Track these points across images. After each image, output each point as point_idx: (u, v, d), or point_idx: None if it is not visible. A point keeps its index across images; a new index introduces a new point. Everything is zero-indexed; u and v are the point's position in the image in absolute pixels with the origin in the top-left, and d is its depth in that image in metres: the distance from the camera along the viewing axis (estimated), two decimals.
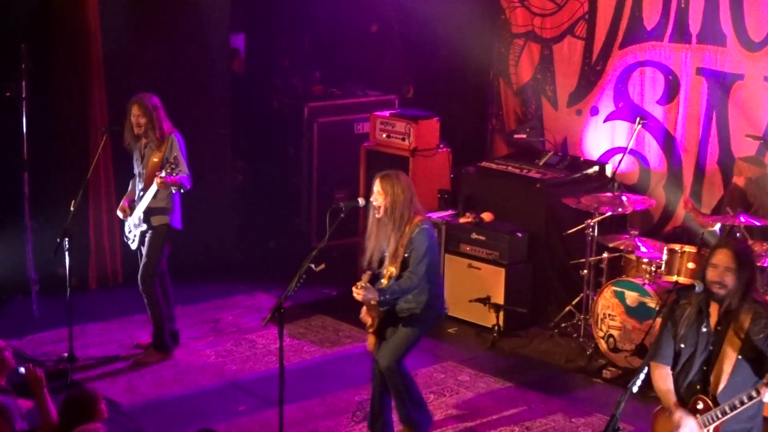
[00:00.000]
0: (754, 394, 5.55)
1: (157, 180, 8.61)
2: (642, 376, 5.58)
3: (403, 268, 7.31)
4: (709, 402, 5.73)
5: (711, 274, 5.77)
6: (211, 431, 6.47)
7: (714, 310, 5.84)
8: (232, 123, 11.47)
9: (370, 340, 7.66)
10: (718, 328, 5.79)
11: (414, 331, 7.46)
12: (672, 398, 5.89)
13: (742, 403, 5.59)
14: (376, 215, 7.39)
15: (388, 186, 7.33)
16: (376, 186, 7.38)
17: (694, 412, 5.77)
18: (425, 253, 7.28)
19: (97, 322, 9.83)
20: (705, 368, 5.79)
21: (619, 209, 9.39)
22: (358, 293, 7.25)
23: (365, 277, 7.32)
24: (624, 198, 9.44)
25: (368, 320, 7.55)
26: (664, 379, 5.92)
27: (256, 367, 9.08)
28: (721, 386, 5.74)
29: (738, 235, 8.69)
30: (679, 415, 5.80)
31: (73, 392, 6.59)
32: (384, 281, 7.36)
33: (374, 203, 7.37)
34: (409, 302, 7.40)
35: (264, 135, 12.02)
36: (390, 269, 7.36)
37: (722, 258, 5.76)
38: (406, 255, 7.29)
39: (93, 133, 10.31)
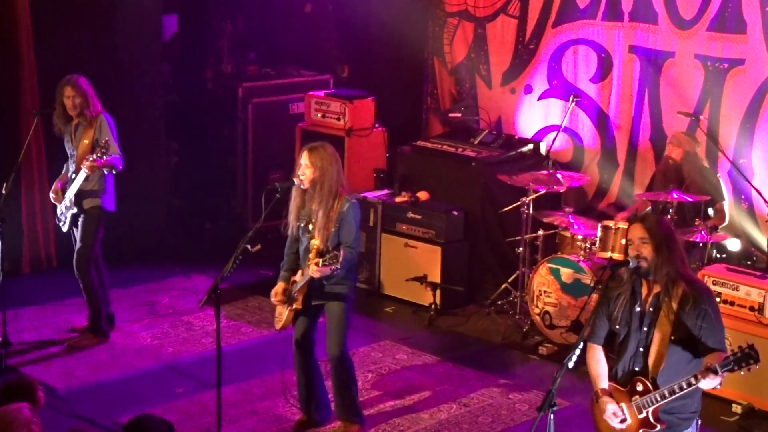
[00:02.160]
0: (693, 380, 5.58)
1: (86, 164, 8.53)
2: (577, 352, 5.60)
3: (331, 242, 7.24)
4: (648, 384, 5.76)
5: (630, 251, 5.81)
6: (148, 416, 6.35)
7: (646, 290, 5.87)
8: (166, 104, 11.38)
9: (288, 318, 7.46)
10: (650, 309, 5.83)
11: (346, 312, 7.41)
12: (599, 384, 5.90)
13: (681, 389, 5.62)
14: (301, 187, 7.31)
15: (317, 158, 7.24)
16: (304, 158, 7.28)
17: (633, 393, 5.78)
18: (357, 227, 7.28)
19: (31, 306, 9.72)
20: (641, 349, 5.83)
21: (554, 187, 9.46)
22: (318, 270, 7.13)
23: (314, 252, 7.25)
24: (558, 175, 9.51)
25: (283, 300, 7.42)
26: (596, 362, 5.94)
27: (193, 349, 9.03)
28: (659, 368, 5.77)
29: (671, 211, 8.77)
30: (604, 401, 5.83)
31: (10, 378, 6.51)
32: (311, 256, 7.24)
33: (300, 176, 7.28)
34: (335, 278, 7.32)
35: (198, 116, 11.93)
36: (316, 243, 7.26)
37: (635, 232, 5.79)
38: (334, 229, 7.23)
39: (24, 116, 10.18)
